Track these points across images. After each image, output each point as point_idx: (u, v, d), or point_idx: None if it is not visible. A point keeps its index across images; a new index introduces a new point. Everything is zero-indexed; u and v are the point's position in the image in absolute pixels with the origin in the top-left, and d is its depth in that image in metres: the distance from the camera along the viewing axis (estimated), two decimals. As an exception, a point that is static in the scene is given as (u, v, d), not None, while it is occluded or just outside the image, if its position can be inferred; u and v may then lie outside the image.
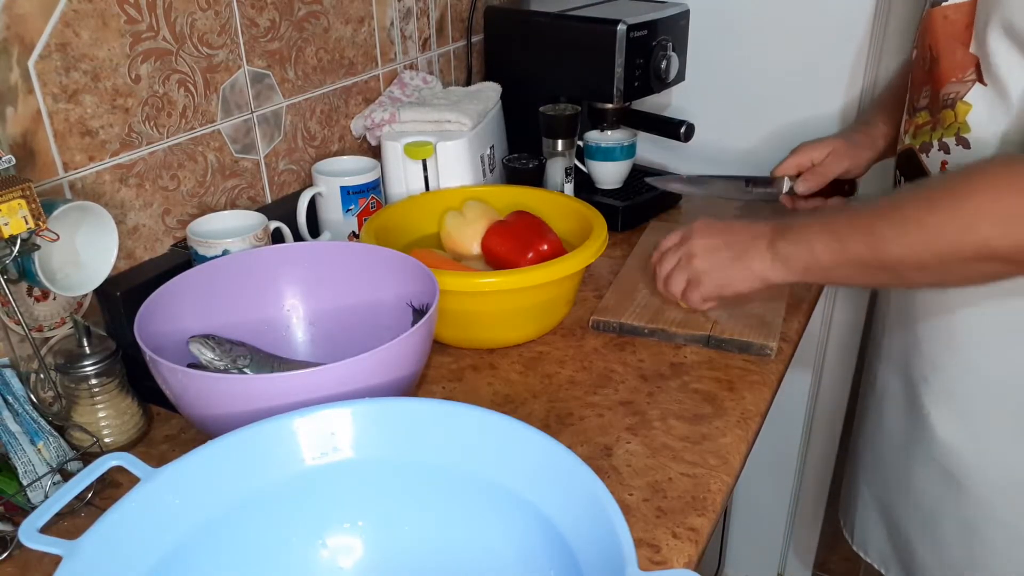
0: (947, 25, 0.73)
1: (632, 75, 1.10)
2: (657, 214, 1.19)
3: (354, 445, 0.58)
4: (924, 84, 0.77)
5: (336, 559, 0.59)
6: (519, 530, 0.55)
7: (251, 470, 0.56)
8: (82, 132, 0.76)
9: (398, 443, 0.58)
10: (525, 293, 0.81)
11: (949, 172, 0.74)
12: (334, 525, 0.59)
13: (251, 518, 0.56)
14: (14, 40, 0.69)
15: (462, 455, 0.57)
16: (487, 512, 0.56)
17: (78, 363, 0.71)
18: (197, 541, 0.53)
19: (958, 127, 0.72)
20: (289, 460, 0.57)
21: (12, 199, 0.61)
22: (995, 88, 0.69)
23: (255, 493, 0.56)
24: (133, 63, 0.79)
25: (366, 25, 1.08)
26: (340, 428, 0.58)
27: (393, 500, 0.59)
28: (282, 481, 0.57)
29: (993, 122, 0.70)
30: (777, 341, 0.85)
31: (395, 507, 0.59)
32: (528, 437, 0.55)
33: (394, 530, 0.59)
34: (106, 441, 0.72)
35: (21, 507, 0.65)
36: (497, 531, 0.56)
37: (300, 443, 0.57)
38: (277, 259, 0.80)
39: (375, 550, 0.59)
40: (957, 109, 0.72)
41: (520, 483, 0.55)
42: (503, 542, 0.56)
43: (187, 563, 0.52)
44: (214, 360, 0.70)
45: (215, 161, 0.91)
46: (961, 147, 0.72)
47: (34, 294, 0.74)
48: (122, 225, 0.81)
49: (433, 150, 1.01)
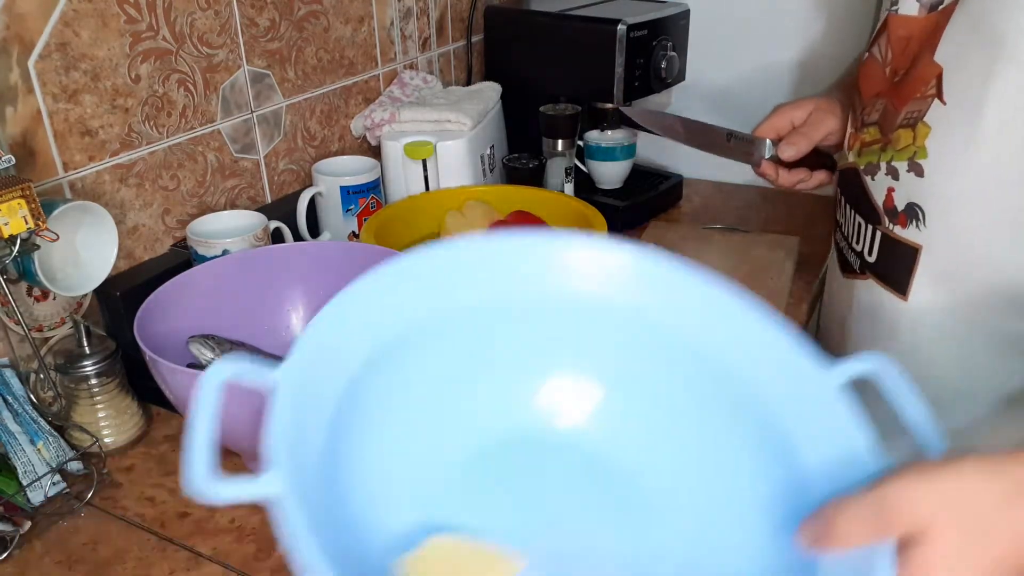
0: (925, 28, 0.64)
1: (632, 75, 1.10)
2: (657, 214, 1.19)
3: (619, 287, 0.51)
4: (880, 96, 0.69)
5: (553, 414, 0.53)
6: (755, 449, 0.48)
7: (487, 282, 0.50)
8: (82, 132, 0.76)
9: (666, 306, 0.51)
10: (525, 293, 0.81)
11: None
12: (564, 371, 0.53)
13: (472, 332, 0.51)
14: (14, 40, 0.69)
15: (728, 345, 0.50)
16: (731, 417, 0.50)
17: (78, 363, 0.71)
18: (417, 339, 0.49)
19: (914, 151, 0.63)
20: (533, 281, 0.51)
21: (12, 199, 0.61)
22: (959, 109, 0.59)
23: (481, 309, 0.50)
24: (133, 63, 0.79)
25: (366, 25, 1.08)
26: (608, 266, 0.51)
27: (631, 362, 0.52)
28: (528, 301, 0.51)
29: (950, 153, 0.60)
30: (777, 341, 0.85)
31: (632, 368, 0.52)
32: (801, 364, 0.48)
33: (625, 388, 0.52)
34: (106, 441, 0.72)
35: (21, 507, 0.65)
36: (733, 439, 0.50)
37: (570, 267, 0.51)
38: (277, 259, 0.80)
39: (600, 415, 0.53)
40: (917, 130, 0.63)
41: (776, 405, 0.48)
42: (735, 446, 0.49)
43: (399, 359, 0.48)
44: (214, 360, 0.70)
45: (215, 161, 0.91)
46: (913, 174, 0.64)
47: (34, 294, 0.74)
48: (122, 225, 0.81)
49: (433, 150, 1.01)
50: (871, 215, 0.70)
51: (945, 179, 0.62)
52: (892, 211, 0.67)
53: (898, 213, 0.66)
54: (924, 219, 0.64)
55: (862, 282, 0.73)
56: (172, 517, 0.65)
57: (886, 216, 0.68)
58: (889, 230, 0.67)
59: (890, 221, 0.67)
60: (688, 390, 0.51)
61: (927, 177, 0.63)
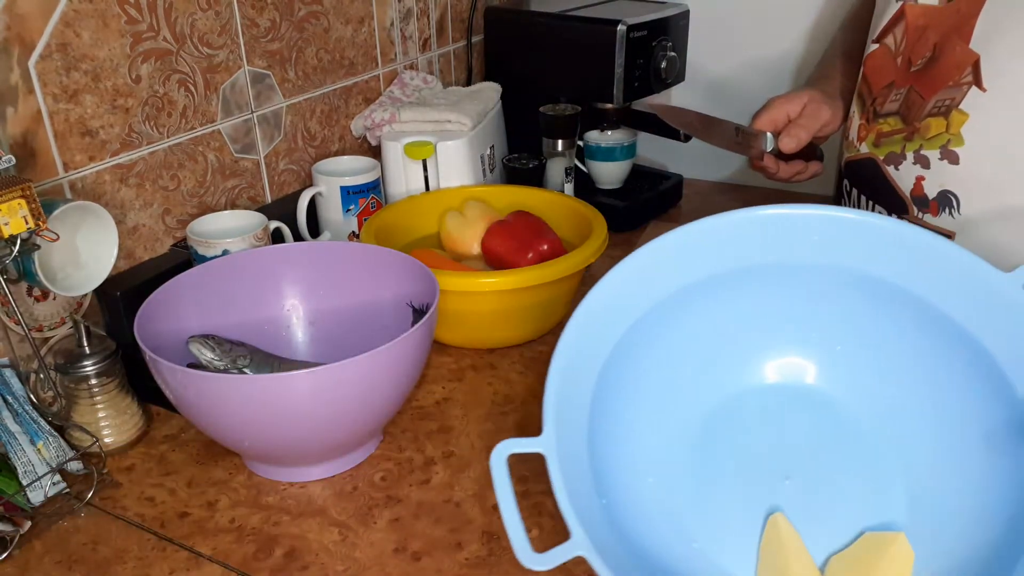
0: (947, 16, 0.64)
1: (632, 75, 1.10)
2: (657, 214, 1.19)
3: (847, 253, 0.56)
4: (895, 85, 0.68)
5: (777, 374, 0.60)
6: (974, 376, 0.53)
7: (732, 252, 0.57)
8: (82, 132, 0.76)
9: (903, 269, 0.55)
10: (525, 293, 0.81)
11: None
12: (789, 341, 0.60)
13: (718, 298, 0.58)
14: (14, 40, 0.69)
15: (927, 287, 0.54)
16: (946, 351, 0.54)
17: (78, 363, 0.71)
18: (661, 315, 0.57)
19: (948, 139, 0.63)
20: (788, 250, 0.57)
21: (12, 199, 0.61)
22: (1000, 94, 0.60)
23: (740, 271, 0.57)
24: (133, 63, 0.79)
25: (366, 25, 1.08)
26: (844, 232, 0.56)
27: (863, 319, 0.58)
28: (759, 269, 0.57)
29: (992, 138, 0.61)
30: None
31: (862, 327, 0.58)
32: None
33: (853, 352, 0.59)
34: (106, 441, 0.72)
35: (21, 507, 0.65)
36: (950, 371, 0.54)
37: (801, 236, 0.57)
38: (277, 259, 0.80)
39: (824, 380, 0.60)
40: (951, 118, 0.63)
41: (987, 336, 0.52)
42: (957, 384, 0.54)
43: (650, 333, 0.57)
44: (214, 360, 0.70)
45: (215, 161, 0.91)
46: (947, 162, 0.64)
47: (34, 294, 0.74)
48: (122, 225, 0.81)
49: (433, 150, 1.01)
50: (896, 204, 0.69)
51: (983, 165, 0.62)
52: (922, 199, 0.67)
53: (929, 201, 0.66)
54: (959, 206, 0.64)
55: None
56: (172, 517, 0.66)
57: (915, 205, 0.68)
58: (918, 219, 0.67)
59: (919, 210, 0.67)
60: (907, 336, 0.56)
61: (962, 165, 0.63)
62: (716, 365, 0.60)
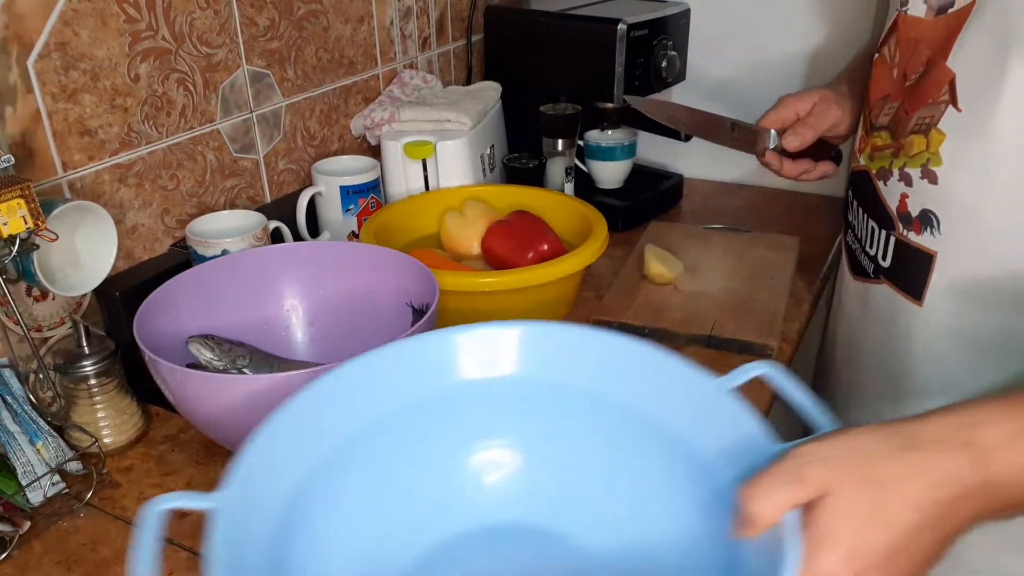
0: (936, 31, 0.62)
1: (632, 74, 1.10)
2: (657, 214, 1.19)
3: (518, 362, 0.57)
4: (888, 99, 0.68)
5: (482, 474, 0.58)
6: (668, 465, 0.53)
7: (407, 382, 0.55)
8: (81, 132, 0.76)
9: (560, 367, 0.56)
10: (525, 293, 0.81)
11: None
12: (484, 440, 0.58)
13: (404, 429, 0.55)
14: (13, 39, 0.69)
15: (622, 387, 0.55)
16: (640, 445, 0.55)
17: (77, 363, 0.71)
18: (346, 452, 0.53)
19: (928, 157, 0.62)
20: (447, 374, 0.56)
21: (11, 199, 0.61)
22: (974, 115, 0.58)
23: (409, 405, 0.56)
24: (132, 62, 0.79)
25: (366, 24, 1.08)
26: (504, 346, 0.57)
27: (546, 422, 0.58)
28: (437, 394, 0.56)
29: (966, 160, 0.60)
30: (778, 341, 0.85)
31: (547, 429, 0.58)
32: (690, 375, 0.53)
33: (545, 452, 0.58)
34: (105, 441, 0.72)
35: (20, 507, 0.65)
36: (646, 462, 0.55)
37: (461, 358, 0.56)
38: (276, 259, 0.80)
39: (522, 469, 0.58)
40: (931, 137, 0.62)
41: (677, 421, 0.53)
42: (653, 474, 0.55)
43: (336, 472, 0.53)
44: (213, 360, 0.70)
45: (214, 161, 0.90)
46: (927, 181, 0.63)
47: (33, 294, 0.74)
48: (121, 225, 0.81)
49: (433, 149, 1.01)
50: (885, 220, 0.69)
51: (961, 187, 0.61)
52: (906, 217, 0.66)
53: (912, 219, 0.66)
54: (939, 226, 0.63)
55: (876, 287, 0.73)
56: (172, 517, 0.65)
57: (900, 222, 0.67)
58: (904, 236, 0.67)
59: (904, 227, 0.67)
60: (595, 431, 0.56)
61: (941, 185, 0.62)
62: (412, 504, 0.57)
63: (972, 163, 0.59)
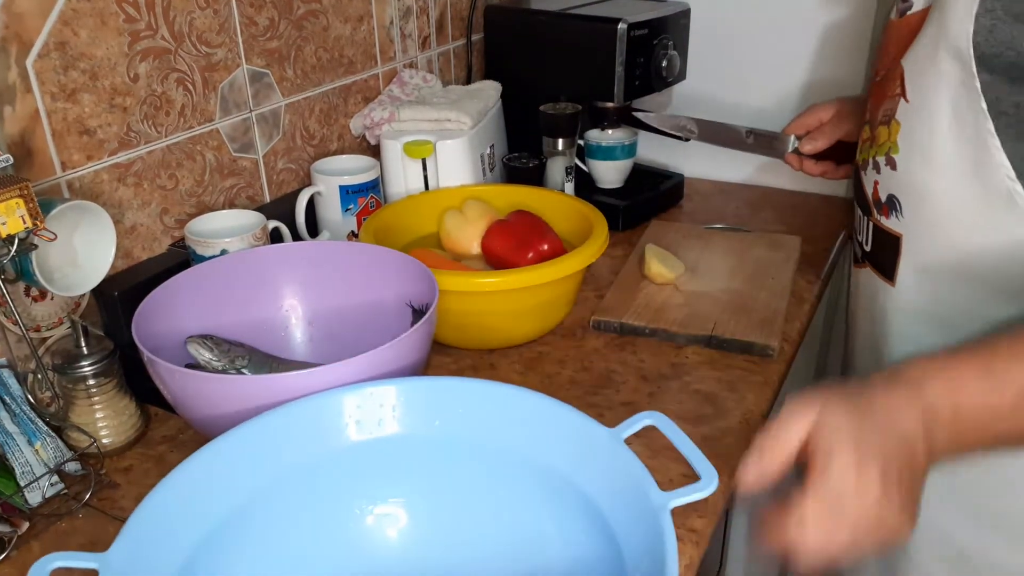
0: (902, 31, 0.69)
1: (633, 74, 1.10)
2: (658, 213, 1.19)
3: (400, 421, 0.59)
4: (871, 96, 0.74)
5: (382, 528, 0.60)
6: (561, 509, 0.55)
7: (296, 444, 0.57)
8: (80, 131, 0.76)
9: (444, 420, 0.59)
10: (525, 293, 0.81)
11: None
12: (379, 497, 0.60)
13: (296, 491, 0.57)
14: (12, 39, 0.69)
15: (507, 434, 0.58)
16: (531, 490, 0.57)
17: (76, 363, 0.70)
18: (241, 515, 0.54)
19: (889, 147, 0.68)
20: (335, 435, 0.58)
21: (10, 198, 0.61)
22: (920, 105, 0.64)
23: (300, 467, 0.57)
24: (132, 62, 0.79)
25: (365, 24, 1.08)
26: (386, 404, 0.59)
27: (437, 475, 0.60)
28: (328, 455, 0.58)
29: (914, 147, 0.65)
30: (779, 341, 0.85)
31: (439, 482, 0.60)
32: (571, 419, 0.56)
33: (438, 503, 0.60)
34: (104, 442, 0.72)
35: (18, 508, 0.65)
36: (540, 509, 0.57)
37: (346, 418, 0.58)
38: (276, 259, 0.80)
39: (420, 522, 0.60)
40: (891, 127, 0.68)
41: (564, 463, 0.56)
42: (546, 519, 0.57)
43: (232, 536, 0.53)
44: (212, 360, 0.70)
45: (213, 160, 0.90)
46: (890, 168, 0.68)
47: (32, 294, 0.74)
48: (120, 224, 0.81)
49: (433, 149, 1.01)
50: (865, 207, 0.74)
51: (914, 172, 0.66)
52: (878, 203, 0.71)
53: (883, 204, 0.71)
54: (901, 210, 0.68)
55: (863, 270, 0.77)
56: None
57: (875, 208, 0.72)
58: (878, 220, 0.71)
59: (878, 212, 0.71)
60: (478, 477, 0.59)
61: (900, 171, 0.67)
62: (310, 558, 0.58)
63: (920, 149, 0.65)
